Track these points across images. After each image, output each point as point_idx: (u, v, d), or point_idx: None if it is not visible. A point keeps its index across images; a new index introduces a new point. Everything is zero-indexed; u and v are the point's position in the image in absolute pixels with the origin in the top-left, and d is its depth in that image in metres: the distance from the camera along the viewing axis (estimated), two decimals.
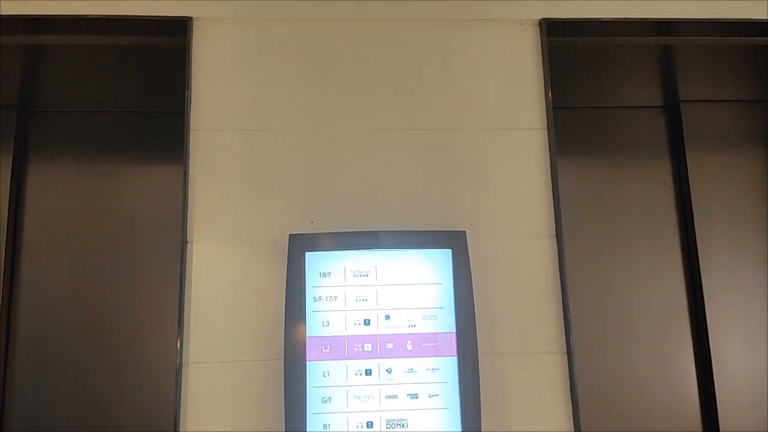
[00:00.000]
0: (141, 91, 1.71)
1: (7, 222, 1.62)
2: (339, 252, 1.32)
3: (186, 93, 1.45)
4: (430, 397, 1.27)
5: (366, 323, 1.30)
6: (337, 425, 1.25)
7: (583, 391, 1.39)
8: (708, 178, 1.76)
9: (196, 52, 1.48)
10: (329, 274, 1.31)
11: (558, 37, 1.54)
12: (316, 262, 1.31)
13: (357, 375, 1.27)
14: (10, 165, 1.64)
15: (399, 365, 1.28)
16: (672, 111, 1.82)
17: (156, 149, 1.71)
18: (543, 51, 1.53)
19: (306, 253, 1.31)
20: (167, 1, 1.48)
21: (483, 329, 1.33)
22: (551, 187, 1.47)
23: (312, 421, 1.24)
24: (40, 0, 1.46)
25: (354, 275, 1.31)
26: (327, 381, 1.27)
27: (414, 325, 1.30)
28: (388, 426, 1.26)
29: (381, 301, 1.31)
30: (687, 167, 1.76)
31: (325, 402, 1.26)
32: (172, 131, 1.52)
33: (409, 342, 1.29)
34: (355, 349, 1.28)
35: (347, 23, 1.52)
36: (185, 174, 1.42)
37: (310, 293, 1.30)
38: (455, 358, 1.28)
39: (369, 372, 1.28)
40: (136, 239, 1.65)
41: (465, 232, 1.35)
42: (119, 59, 1.57)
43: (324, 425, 1.24)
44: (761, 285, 1.71)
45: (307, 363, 1.26)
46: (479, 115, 1.50)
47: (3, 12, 1.44)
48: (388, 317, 1.30)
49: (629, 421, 1.63)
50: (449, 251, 1.33)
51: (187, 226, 1.40)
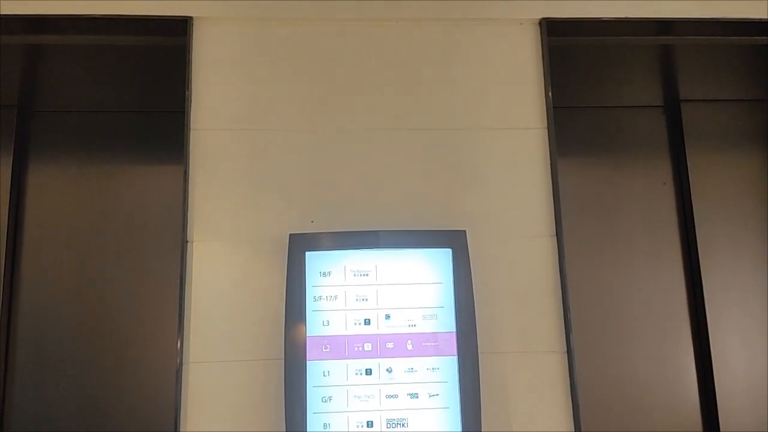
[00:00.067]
0: (141, 91, 1.71)
1: (8, 222, 1.62)
2: (339, 251, 1.32)
3: (186, 93, 1.46)
4: (430, 397, 1.27)
5: (366, 323, 1.30)
6: (338, 425, 1.25)
7: (583, 391, 1.39)
8: (708, 177, 1.76)
9: (196, 51, 1.48)
10: (329, 273, 1.31)
11: (558, 37, 1.54)
12: (316, 261, 1.31)
13: (357, 374, 1.27)
14: (10, 165, 1.64)
15: (399, 365, 1.28)
16: (672, 111, 1.82)
17: (156, 149, 1.71)
18: (543, 50, 1.53)
19: (306, 253, 1.31)
20: (167, 1, 1.48)
21: (483, 329, 1.33)
22: (551, 187, 1.47)
23: (312, 421, 1.24)
24: (40, 0, 1.46)
25: (354, 275, 1.31)
26: (327, 380, 1.27)
27: (414, 325, 1.30)
28: (388, 425, 1.26)
29: (381, 301, 1.31)
30: (687, 167, 1.76)
31: (326, 401, 1.26)
32: (172, 131, 1.52)
33: (410, 341, 1.29)
34: (356, 349, 1.28)
35: (347, 23, 1.52)
36: (185, 174, 1.42)
37: (310, 293, 1.30)
38: (455, 357, 1.28)
39: (369, 371, 1.28)
40: (136, 239, 1.65)
41: (465, 231, 1.35)
42: (119, 59, 1.57)
43: (324, 425, 1.24)
44: (761, 285, 1.71)
45: (308, 362, 1.26)
46: (479, 115, 1.50)
47: (3, 12, 1.44)
48: (388, 317, 1.30)
49: (629, 421, 1.63)
50: (449, 251, 1.33)
51: (188, 225, 1.40)
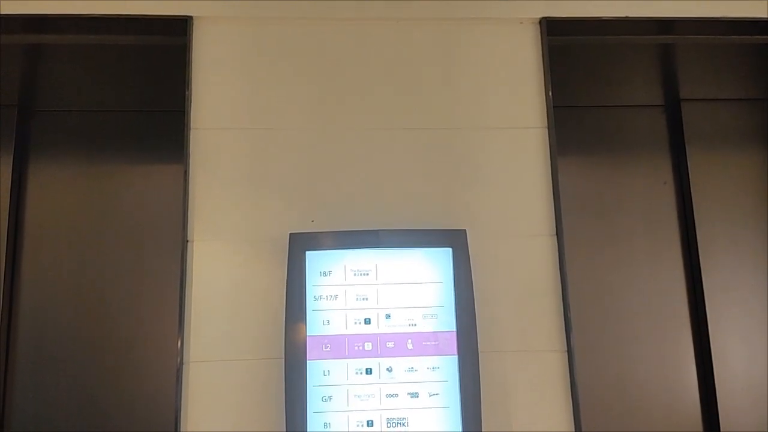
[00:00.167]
0: (141, 91, 1.70)
1: (8, 221, 1.62)
2: (339, 251, 1.32)
3: (186, 92, 1.46)
4: (430, 396, 1.27)
5: (366, 322, 1.30)
6: (338, 424, 1.25)
7: (584, 390, 1.39)
8: (709, 177, 1.76)
9: (196, 51, 1.48)
10: (330, 273, 1.31)
11: (558, 36, 1.54)
12: (316, 261, 1.31)
13: (357, 374, 1.27)
14: (10, 164, 1.64)
15: (399, 364, 1.28)
16: (673, 110, 1.82)
17: (156, 148, 1.71)
18: (543, 50, 1.53)
19: (306, 252, 1.31)
20: (167, 1, 1.48)
21: (483, 328, 1.33)
22: (551, 186, 1.47)
23: (312, 420, 1.24)
24: (40, 0, 1.46)
25: (354, 274, 1.31)
26: (327, 380, 1.27)
27: (414, 324, 1.30)
28: (388, 425, 1.26)
29: (381, 300, 1.31)
30: (687, 166, 1.76)
31: (326, 401, 1.26)
32: (172, 130, 1.52)
33: (410, 341, 1.29)
34: (356, 348, 1.28)
35: (347, 22, 1.52)
36: (185, 173, 1.42)
37: (310, 292, 1.30)
38: (455, 356, 1.28)
39: (369, 371, 1.28)
40: (136, 238, 1.65)
41: (465, 230, 1.35)
42: (120, 59, 1.57)
43: (324, 424, 1.24)
44: (762, 284, 1.71)
45: (308, 362, 1.26)
46: (479, 114, 1.50)
47: (3, 11, 1.44)
48: (388, 316, 1.30)
49: (629, 420, 1.63)
50: (450, 250, 1.33)
51: (188, 225, 1.40)
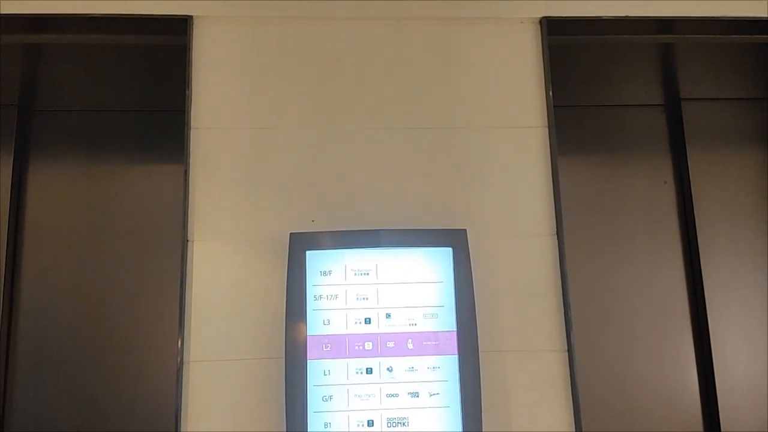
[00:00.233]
0: (141, 90, 1.71)
1: (8, 221, 1.62)
2: (340, 250, 1.32)
3: (186, 92, 1.45)
4: (430, 396, 1.27)
5: (367, 322, 1.30)
6: (338, 424, 1.25)
7: (584, 390, 1.39)
8: (709, 176, 1.76)
9: (196, 50, 1.48)
10: (330, 272, 1.31)
11: (559, 36, 1.54)
12: (316, 260, 1.31)
13: (358, 373, 1.27)
14: (11, 164, 1.64)
15: (400, 364, 1.28)
16: (673, 109, 1.82)
17: (156, 148, 1.71)
18: (544, 49, 1.53)
19: (307, 252, 1.31)
20: (167, 1, 1.48)
21: (484, 327, 1.33)
22: (552, 186, 1.46)
23: (313, 420, 1.24)
24: None
25: (355, 274, 1.31)
26: (328, 379, 1.27)
27: (415, 324, 1.30)
28: (389, 425, 1.26)
29: (382, 300, 1.31)
30: (688, 166, 1.76)
31: (326, 400, 1.26)
32: (172, 130, 1.52)
33: (410, 340, 1.29)
34: (356, 348, 1.28)
35: (348, 22, 1.52)
36: (186, 173, 1.42)
37: (310, 292, 1.30)
38: (456, 356, 1.28)
39: (370, 370, 1.28)
40: (136, 238, 1.65)
41: (466, 230, 1.35)
42: (120, 58, 1.57)
43: (325, 424, 1.24)
44: (762, 284, 1.71)
45: (308, 361, 1.26)
46: (480, 114, 1.50)
47: (3, 11, 1.44)
48: (388, 316, 1.30)
49: (630, 419, 1.63)
50: (450, 249, 1.33)
51: (188, 224, 1.40)
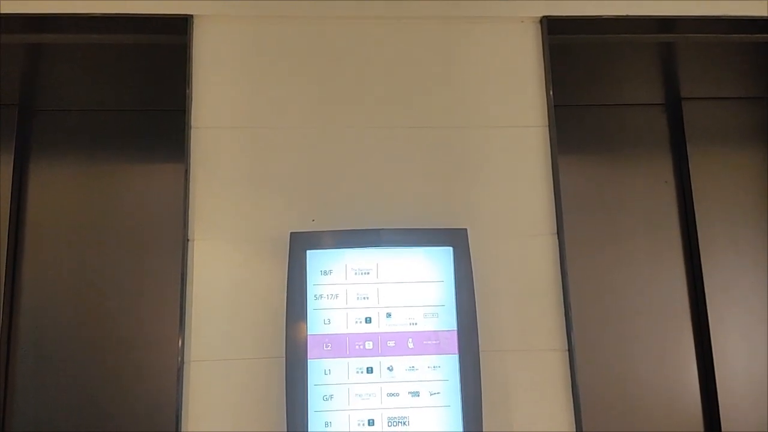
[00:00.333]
0: (142, 90, 1.71)
1: (9, 221, 1.62)
2: (340, 250, 1.32)
3: (187, 91, 1.45)
4: (431, 395, 1.27)
5: (367, 321, 1.30)
6: (339, 423, 1.25)
7: (585, 389, 1.39)
8: (709, 175, 1.76)
9: (196, 50, 1.48)
10: (330, 272, 1.31)
11: (559, 35, 1.54)
12: (317, 260, 1.31)
13: (358, 373, 1.27)
14: (11, 164, 1.64)
15: (400, 363, 1.28)
16: (673, 108, 1.82)
17: (157, 147, 1.71)
18: (544, 48, 1.53)
19: (307, 251, 1.31)
20: (168, 0, 1.48)
21: (484, 327, 1.33)
22: (552, 185, 1.46)
23: (313, 419, 1.24)
24: None
25: (355, 273, 1.31)
26: (328, 379, 1.27)
27: (415, 323, 1.30)
28: (389, 424, 1.26)
29: (382, 299, 1.31)
30: (688, 165, 1.76)
31: (327, 400, 1.26)
32: (172, 129, 1.52)
33: (411, 340, 1.29)
34: (357, 347, 1.28)
35: (348, 21, 1.52)
36: (186, 172, 1.42)
37: (311, 291, 1.30)
38: (456, 355, 1.28)
39: (370, 370, 1.28)
40: (137, 237, 1.65)
41: (466, 229, 1.35)
42: (120, 58, 1.57)
43: (325, 423, 1.24)
44: (762, 283, 1.71)
45: (309, 361, 1.26)
46: (480, 113, 1.50)
47: (3, 11, 1.44)
48: (389, 315, 1.30)
49: (630, 419, 1.63)
50: (450, 249, 1.33)
51: (189, 224, 1.40)
